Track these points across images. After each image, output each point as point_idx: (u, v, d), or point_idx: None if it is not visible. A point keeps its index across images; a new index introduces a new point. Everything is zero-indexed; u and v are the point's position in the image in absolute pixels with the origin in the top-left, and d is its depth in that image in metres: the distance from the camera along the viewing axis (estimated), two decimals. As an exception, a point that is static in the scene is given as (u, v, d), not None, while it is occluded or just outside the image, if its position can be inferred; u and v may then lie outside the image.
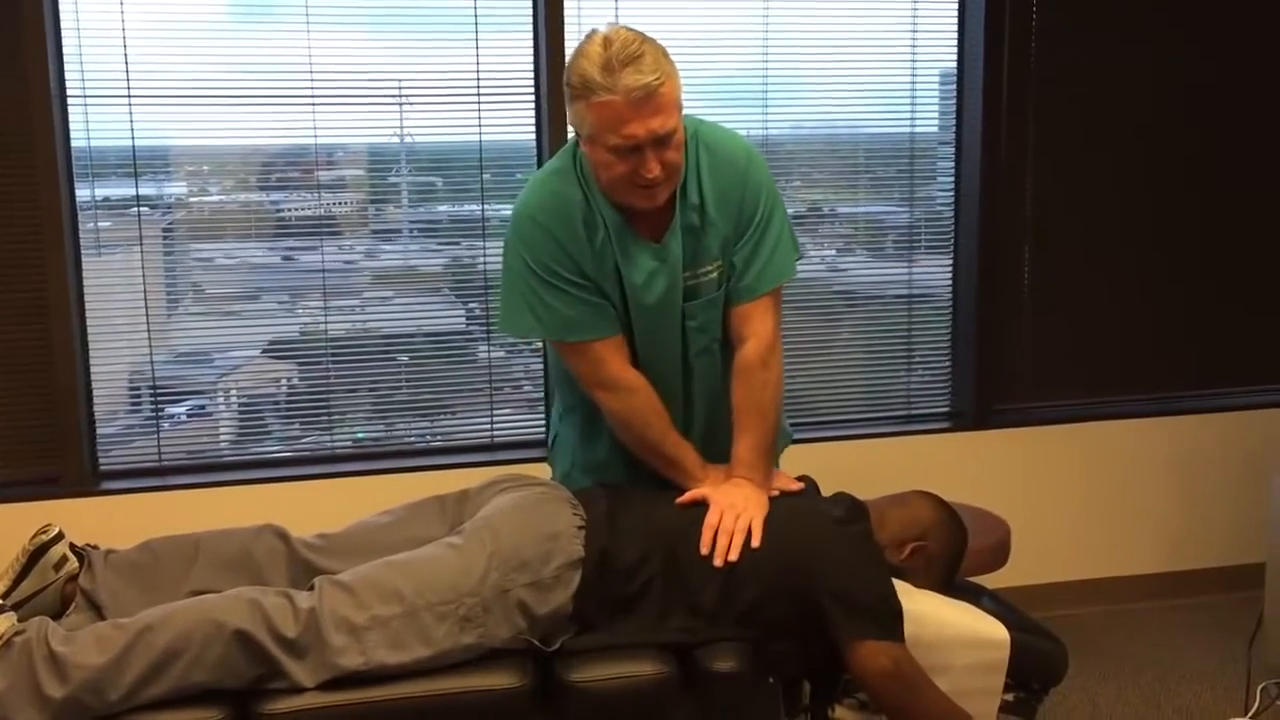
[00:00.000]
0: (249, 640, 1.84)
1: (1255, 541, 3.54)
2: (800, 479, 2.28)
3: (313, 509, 2.90)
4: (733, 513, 2.06)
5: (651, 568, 2.02)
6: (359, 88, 3.17)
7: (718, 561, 2.01)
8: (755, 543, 2.03)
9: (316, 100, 3.14)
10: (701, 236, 2.17)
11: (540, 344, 3.38)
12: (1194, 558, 3.76)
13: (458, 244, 3.37)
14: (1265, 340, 3.80)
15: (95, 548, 2.08)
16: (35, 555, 1.99)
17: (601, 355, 2.16)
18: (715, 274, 2.20)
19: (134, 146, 3.07)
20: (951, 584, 2.25)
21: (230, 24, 3.10)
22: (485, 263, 3.33)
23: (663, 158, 2.02)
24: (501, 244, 2.25)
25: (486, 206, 3.32)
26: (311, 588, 1.94)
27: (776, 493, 2.20)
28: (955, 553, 2.22)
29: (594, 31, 2.03)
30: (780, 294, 2.26)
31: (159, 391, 3.20)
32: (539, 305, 2.14)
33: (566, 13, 3.21)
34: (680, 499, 2.14)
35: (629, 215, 2.13)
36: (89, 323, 3.11)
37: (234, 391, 3.34)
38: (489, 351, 3.38)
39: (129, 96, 3.04)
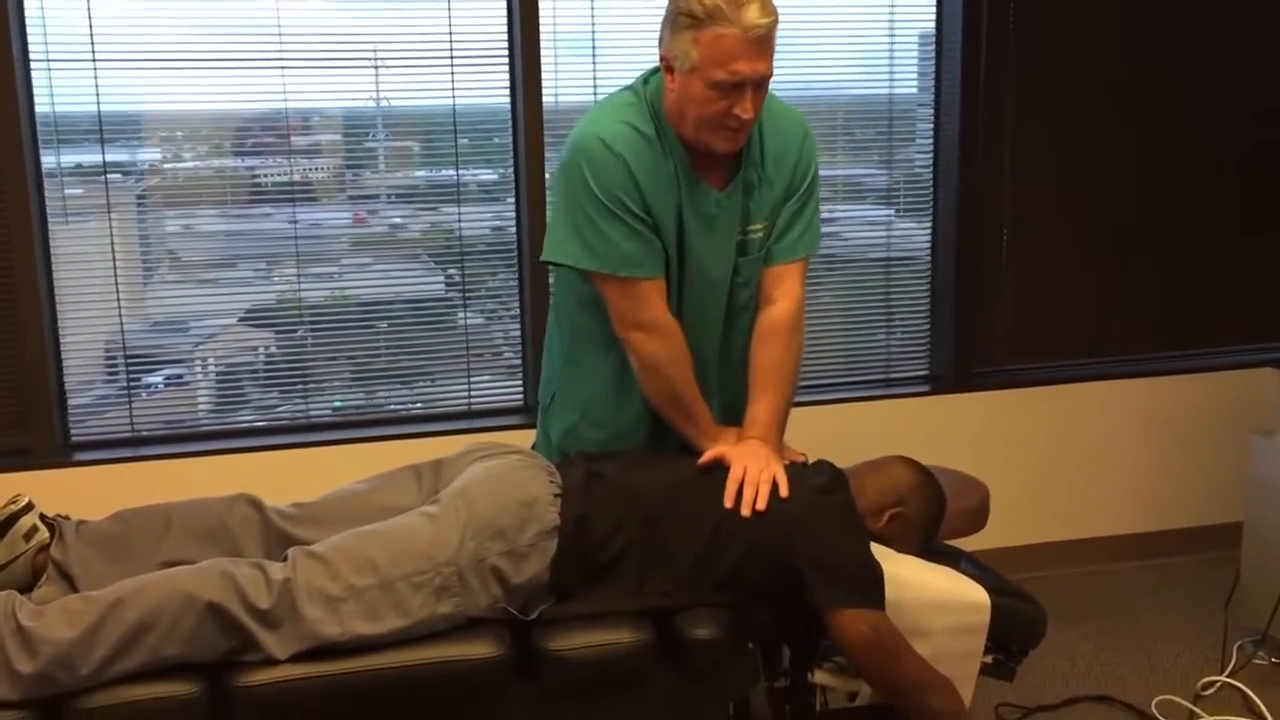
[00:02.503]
0: (222, 612, 1.82)
1: (1232, 501, 3.56)
2: (819, 463, 2.23)
3: (289, 478, 2.88)
4: (756, 465, 2.06)
5: (628, 534, 2.01)
6: (332, 51, 3.12)
7: (745, 511, 2.00)
8: (784, 493, 2.03)
9: (288, 64, 3.09)
10: (755, 193, 2.20)
11: (518, 308, 3.36)
12: (1171, 518, 3.78)
13: (434, 209, 3.33)
14: (1241, 301, 3.80)
15: (66, 518, 2.06)
16: (4, 525, 1.97)
17: (646, 294, 2.13)
18: (761, 234, 2.22)
19: (100, 112, 3.01)
20: (930, 548, 2.25)
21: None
22: (461, 228, 3.29)
23: (756, 102, 2.04)
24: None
25: (462, 171, 3.28)
26: (285, 558, 1.92)
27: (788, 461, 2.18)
28: (933, 517, 2.21)
29: None
30: (807, 265, 2.29)
31: (132, 361, 3.16)
32: (594, 235, 2.10)
33: (540, -27, 3.16)
34: (701, 460, 2.12)
35: (695, 160, 2.13)
36: (58, 292, 3.06)
37: (210, 360, 3.30)
38: (465, 319, 3.35)
39: (94, 60, 2.98)
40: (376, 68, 3.17)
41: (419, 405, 3.38)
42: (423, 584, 1.90)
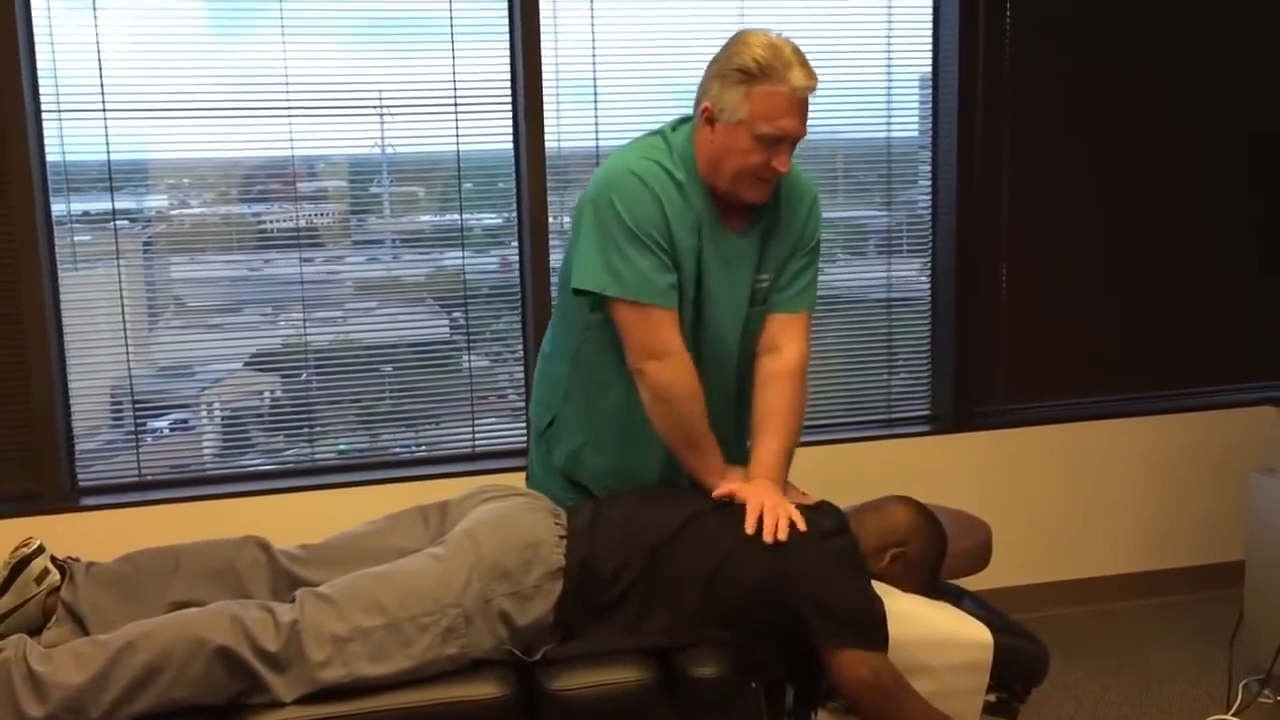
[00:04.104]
0: (231, 656, 1.83)
1: (1233, 539, 3.56)
2: (821, 504, 2.25)
3: (295, 522, 2.90)
4: (772, 500, 2.11)
5: (632, 573, 2.03)
6: (337, 99, 3.17)
7: (768, 538, 2.03)
8: (801, 527, 2.06)
9: (295, 112, 3.14)
10: (769, 244, 2.28)
11: (522, 351, 3.39)
12: (1174, 556, 3.78)
13: (441, 254, 3.36)
14: (1240, 340, 3.83)
15: (77, 560, 2.08)
16: (16, 569, 1.99)
17: (665, 324, 2.18)
18: (766, 285, 2.30)
19: (109, 160, 3.06)
20: (933, 587, 2.26)
21: (206, 37, 3.09)
22: (465, 272, 3.33)
23: (789, 158, 2.16)
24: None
25: (466, 215, 3.32)
26: (293, 600, 1.94)
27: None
28: (935, 556, 2.23)
29: (744, 32, 2.16)
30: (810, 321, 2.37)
31: (139, 406, 3.19)
32: (621, 262, 2.15)
33: (542, 21, 3.22)
34: (715, 493, 2.15)
35: (717, 206, 2.22)
36: (67, 338, 3.09)
37: (216, 405, 3.33)
38: (469, 361, 3.38)
39: (104, 110, 3.03)
40: (381, 114, 3.22)
41: (423, 448, 3.41)
42: (429, 625, 1.92)
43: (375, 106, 3.21)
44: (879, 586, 2.06)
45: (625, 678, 1.96)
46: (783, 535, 2.04)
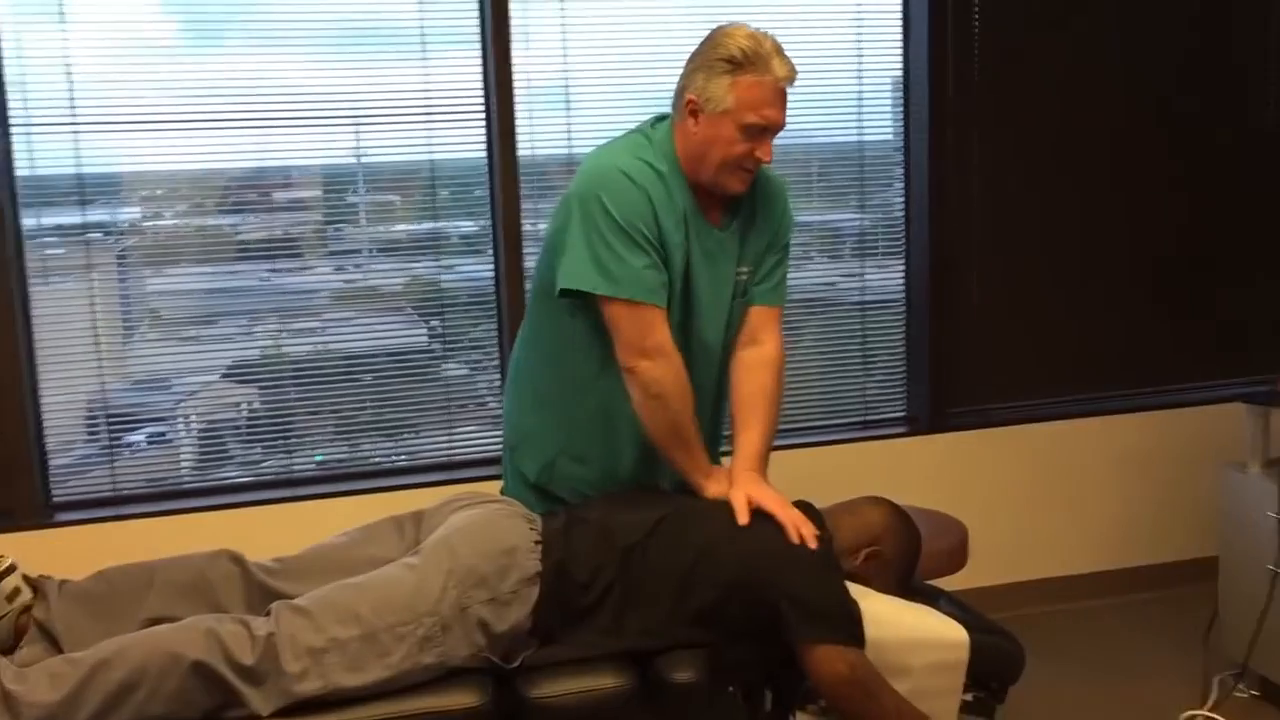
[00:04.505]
0: (206, 671, 1.83)
1: (1208, 535, 3.59)
2: (798, 503, 2.24)
3: (272, 534, 2.87)
4: (784, 507, 2.13)
5: (608, 575, 2.03)
6: (309, 110, 3.16)
7: (812, 545, 2.06)
8: (810, 540, 2.08)
9: (266, 123, 3.13)
10: (747, 237, 2.31)
11: (497, 356, 3.39)
12: (1149, 553, 3.81)
13: (416, 262, 3.35)
14: (1210, 338, 3.86)
15: (49, 578, 2.06)
16: (-12, 588, 1.97)
17: (656, 321, 2.18)
18: (745, 277, 2.33)
19: (80, 174, 3.04)
20: (908, 587, 2.27)
21: (176, 49, 3.08)
22: (441, 280, 3.33)
23: (770, 148, 2.19)
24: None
25: (444, 223, 3.32)
26: (268, 613, 1.93)
27: None
28: (909, 556, 2.24)
29: (723, 26, 2.19)
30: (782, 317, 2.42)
31: (113, 420, 3.17)
32: (613, 261, 2.15)
33: (514, 29, 3.22)
34: (738, 506, 2.12)
35: (699, 200, 2.24)
36: (39, 353, 3.07)
37: (192, 417, 3.31)
38: (447, 370, 3.38)
39: (74, 123, 3.01)
40: (358, 125, 3.22)
41: (403, 457, 3.40)
42: (406, 635, 1.92)
43: (349, 116, 3.21)
44: (854, 589, 2.07)
45: (603, 684, 1.96)
46: (811, 543, 2.06)
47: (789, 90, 2.18)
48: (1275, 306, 3.90)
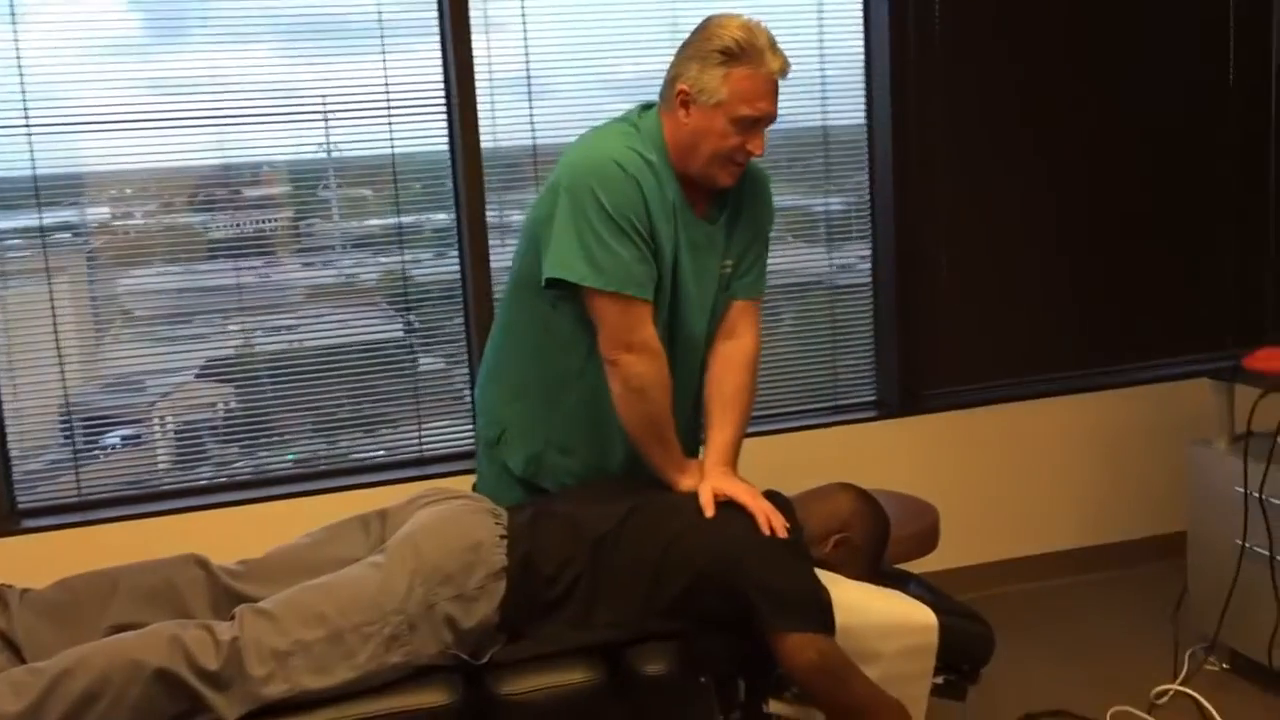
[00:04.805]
0: (170, 677, 1.81)
1: (1177, 511, 3.61)
2: (767, 493, 2.24)
3: (240, 536, 2.86)
4: (754, 498, 2.13)
5: (576, 568, 2.03)
6: (271, 104, 3.12)
7: (781, 534, 2.06)
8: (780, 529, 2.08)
9: (227, 120, 3.10)
10: (733, 230, 2.30)
11: (465, 349, 3.37)
12: (1119, 530, 3.83)
13: (389, 256, 3.32)
14: (1180, 313, 3.88)
15: (10, 587, 2.04)
16: (-53, 599, 1.95)
17: (642, 315, 2.16)
18: (730, 270, 2.32)
19: (35, 175, 3.00)
20: (878, 572, 2.27)
21: (134, 48, 3.04)
22: (404, 273, 3.30)
23: (763, 140, 2.18)
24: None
25: (418, 215, 3.30)
26: (233, 617, 1.91)
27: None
28: (878, 541, 2.24)
29: (714, 16, 2.17)
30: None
31: (81, 424, 3.13)
32: (602, 252, 2.12)
33: (473, 19, 3.19)
34: (705, 500, 2.12)
35: (686, 192, 2.22)
36: (2, 357, 3.03)
37: (158, 420, 3.28)
38: (415, 365, 3.35)
39: (28, 125, 2.97)
40: (326, 118, 3.19)
41: (382, 452, 3.36)
42: (372, 634, 1.91)
43: (316, 111, 3.18)
44: (824, 575, 2.07)
45: (574, 679, 1.96)
46: (781, 534, 2.06)
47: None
48: (1241, 281, 3.93)
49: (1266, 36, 3.84)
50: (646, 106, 2.28)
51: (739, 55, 2.11)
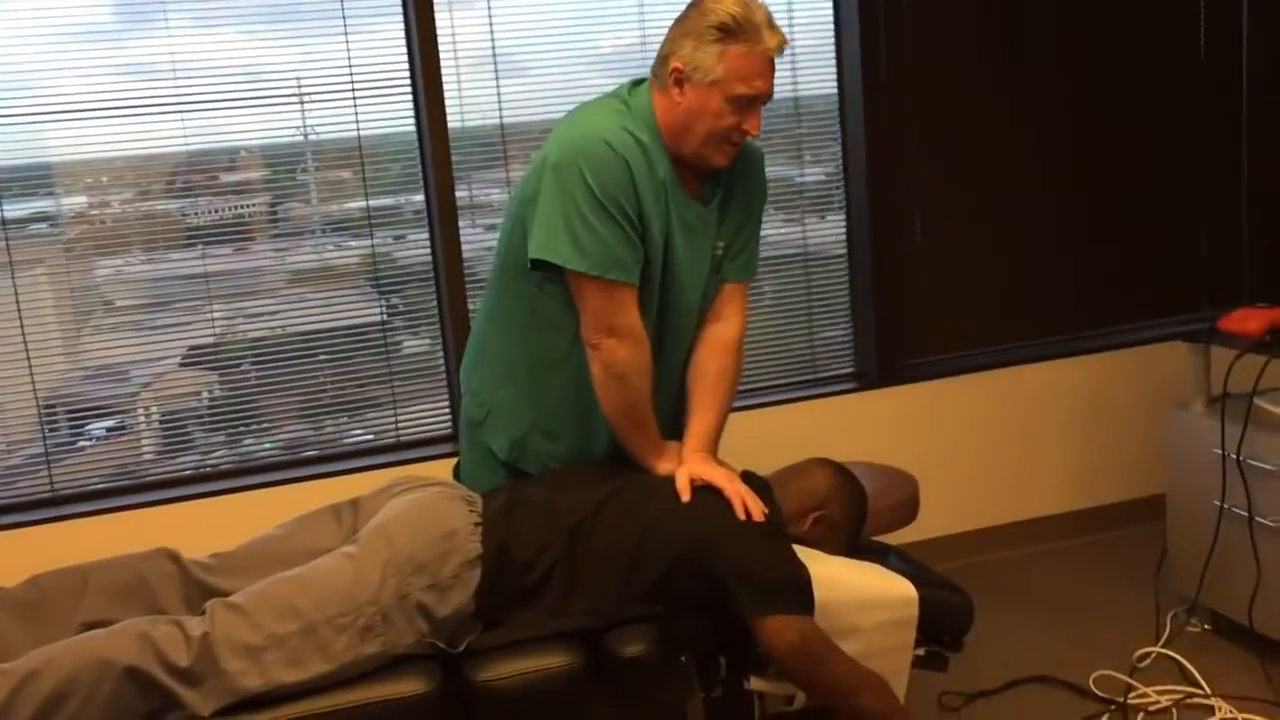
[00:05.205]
0: (140, 675, 1.79)
1: (1157, 473, 3.62)
2: (744, 474, 2.24)
3: (214, 528, 2.82)
4: (731, 482, 2.11)
5: (552, 554, 2.01)
6: (250, 88, 3.08)
7: (757, 517, 2.04)
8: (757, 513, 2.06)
9: (211, 104, 3.06)
10: (727, 210, 2.25)
11: (438, 330, 3.33)
12: (1101, 493, 3.84)
13: (365, 239, 3.27)
14: (1155, 276, 3.88)
15: (-22, 588, 2.01)
16: (-87, 600, 1.92)
17: (626, 299, 2.12)
18: (721, 251, 2.27)
19: (13, 164, 2.95)
20: (857, 546, 2.26)
21: (104, 34, 2.98)
22: (375, 256, 3.27)
23: (759, 119, 2.12)
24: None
25: (399, 196, 3.27)
26: (204, 612, 1.89)
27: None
28: (856, 516, 2.23)
29: None
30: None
31: (54, 418, 3.09)
32: (587, 235, 2.06)
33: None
34: (681, 485, 2.10)
35: (679, 172, 2.16)
36: (-36, 353, 2.99)
37: (142, 409, 3.23)
38: (387, 349, 3.32)
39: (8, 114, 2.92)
40: (302, 101, 3.14)
41: (359, 431, 3.32)
42: (346, 626, 1.89)
43: (290, 94, 3.13)
44: (803, 552, 2.06)
45: (553, 663, 1.94)
46: (757, 518, 2.04)
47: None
48: (1216, 244, 3.92)
49: (1238, 5, 3.82)
50: (637, 82, 2.21)
51: (735, 32, 2.05)
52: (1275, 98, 3.85)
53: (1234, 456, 2.88)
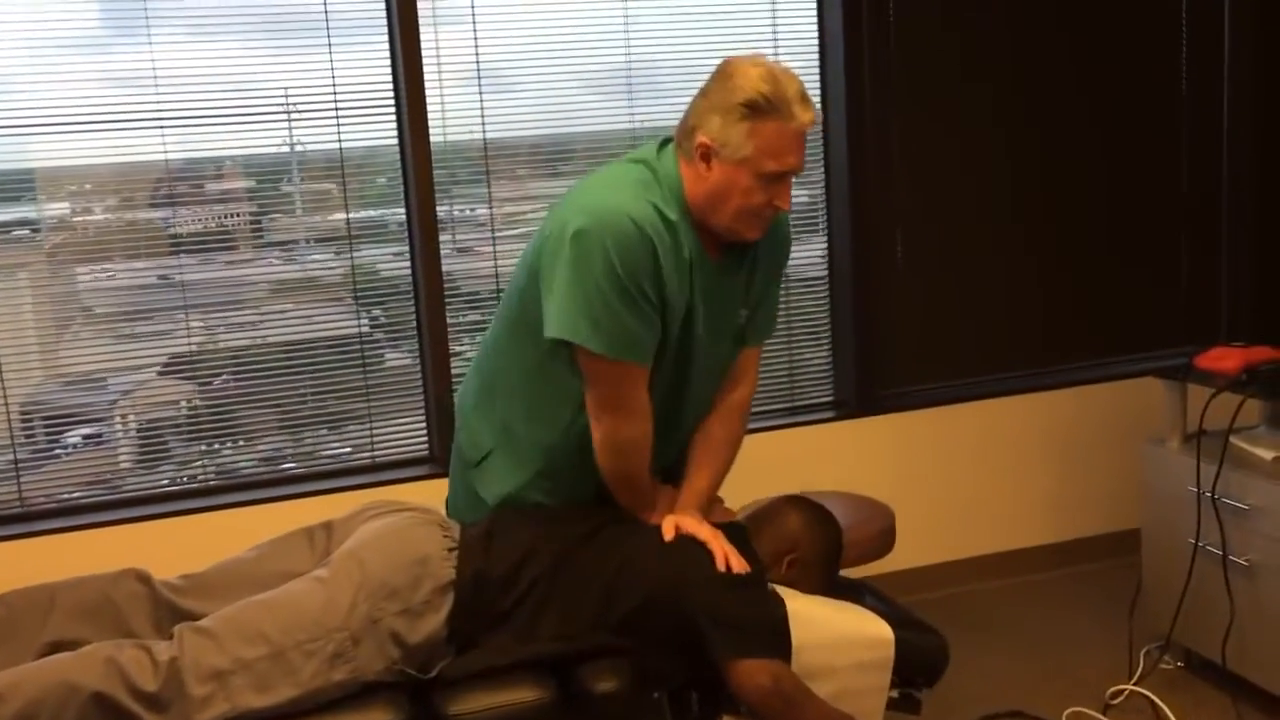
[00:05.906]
0: (106, 701, 1.76)
1: (1134, 508, 3.62)
2: (728, 525, 2.22)
3: (186, 547, 2.79)
4: (716, 538, 2.08)
5: (528, 579, 2.00)
6: (238, 100, 3.06)
7: (737, 569, 2.02)
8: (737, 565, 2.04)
9: (198, 116, 3.04)
10: (754, 276, 2.21)
11: (416, 346, 3.31)
12: (1077, 527, 3.84)
13: (347, 253, 3.25)
14: (1133, 311, 3.89)
15: (-58, 606, 1.97)
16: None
17: (638, 380, 2.06)
18: (745, 319, 2.23)
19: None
20: (833, 584, 2.25)
21: (84, 44, 2.96)
22: (355, 270, 3.24)
23: (789, 192, 2.07)
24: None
25: (382, 211, 3.26)
26: (172, 636, 1.86)
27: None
28: (830, 555, 2.21)
29: (737, 61, 2.03)
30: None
31: (27, 428, 3.05)
32: (606, 315, 1.98)
33: (421, 12, 3.13)
34: (668, 535, 2.08)
35: (704, 240, 2.10)
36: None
37: (119, 418, 3.19)
38: (365, 363, 3.29)
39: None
40: (289, 114, 3.12)
41: (336, 444, 3.30)
42: (315, 651, 1.86)
43: (279, 107, 3.11)
44: (780, 590, 2.05)
45: (523, 697, 1.92)
46: (736, 567, 2.02)
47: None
48: (1195, 282, 3.94)
49: (1218, 43, 3.85)
50: (664, 142, 2.12)
51: (765, 110, 1.96)
52: (1255, 137, 3.88)
53: (1209, 494, 2.89)
